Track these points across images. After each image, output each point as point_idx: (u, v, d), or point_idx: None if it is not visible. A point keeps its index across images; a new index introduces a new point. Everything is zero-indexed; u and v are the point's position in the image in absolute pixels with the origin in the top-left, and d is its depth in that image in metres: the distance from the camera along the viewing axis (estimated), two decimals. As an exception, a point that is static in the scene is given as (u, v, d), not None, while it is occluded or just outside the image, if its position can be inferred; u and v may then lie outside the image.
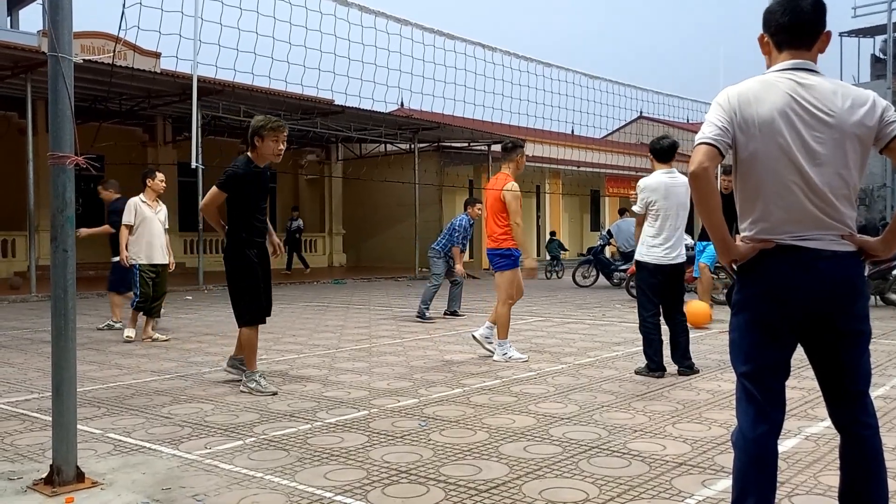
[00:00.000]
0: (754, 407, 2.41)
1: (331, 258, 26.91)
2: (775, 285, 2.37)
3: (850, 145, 2.36)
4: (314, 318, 10.75)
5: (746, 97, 2.38)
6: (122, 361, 6.80)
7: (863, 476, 2.43)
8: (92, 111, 16.77)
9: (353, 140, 24.94)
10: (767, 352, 2.41)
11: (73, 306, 3.39)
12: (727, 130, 2.38)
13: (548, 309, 11.73)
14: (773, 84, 2.39)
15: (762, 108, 2.36)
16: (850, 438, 2.45)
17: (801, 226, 2.35)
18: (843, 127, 2.34)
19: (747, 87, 2.42)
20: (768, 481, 2.39)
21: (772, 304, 2.38)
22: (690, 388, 5.41)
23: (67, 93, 3.31)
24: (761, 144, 2.36)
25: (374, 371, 6.21)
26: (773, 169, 2.36)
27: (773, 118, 2.34)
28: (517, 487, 3.27)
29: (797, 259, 2.35)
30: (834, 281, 2.35)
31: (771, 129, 2.35)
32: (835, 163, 2.35)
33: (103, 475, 3.47)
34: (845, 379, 2.43)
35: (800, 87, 2.37)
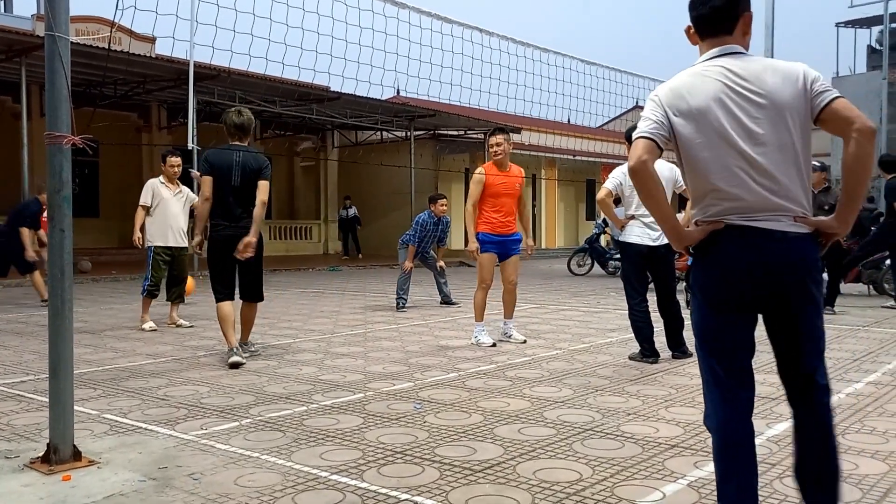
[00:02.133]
0: (719, 390, 2.43)
1: (326, 245, 26.90)
2: (725, 266, 2.37)
3: (790, 121, 2.34)
4: (309, 303, 10.77)
5: (678, 91, 2.41)
6: (118, 345, 6.81)
7: (816, 449, 2.42)
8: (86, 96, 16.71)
9: (349, 127, 24.90)
10: (725, 332, 2.42)
11: (69, 286, 3.39)
12: (662, 124, 2.41)
13: (543, 296, 11.77)
14: (702, 73, 2.42)
15: (695, 100, 2.38)
16: (803, 413, 2.45)
17: (750, 208, 2.34)
18: (777, 104, 2.34)
19: (679, 80, 2.45)
20: (746, 463, 2.39)
21: (722, 285, 2.38)
22: (683, 373, 5.45)
23: (64, 72, 3.30)
24: (700, 134, 2.38)
25: (370, 355, 6.23)
26: (716, 156, 2.36)
27: (708, 106, 2.36)
28: (511, 468, 3.29)
29: (745, 240, 2.34)
30: (785, 263, 2.33)
31: (707, 118, 2.36)
32: (777, 141, 2.34)
33: (100, 454, 3.49)
34: (799, 357, 2.43)
35: (728, 72, 2.38)
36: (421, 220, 10.05)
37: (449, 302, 10.34)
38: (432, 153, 25.32)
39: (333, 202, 27.11)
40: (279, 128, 25.32)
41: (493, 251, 6.76)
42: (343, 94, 17.92)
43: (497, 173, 6.78)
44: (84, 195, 20.58)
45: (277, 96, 19.70)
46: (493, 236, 6.74)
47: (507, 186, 6.76)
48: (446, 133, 25.08)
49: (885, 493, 2.99)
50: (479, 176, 6.82)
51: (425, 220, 10.03)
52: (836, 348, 6.24)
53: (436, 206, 10.10)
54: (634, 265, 6.01)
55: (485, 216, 6.76)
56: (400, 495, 2.96)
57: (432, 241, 10.20)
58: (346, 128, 25.20)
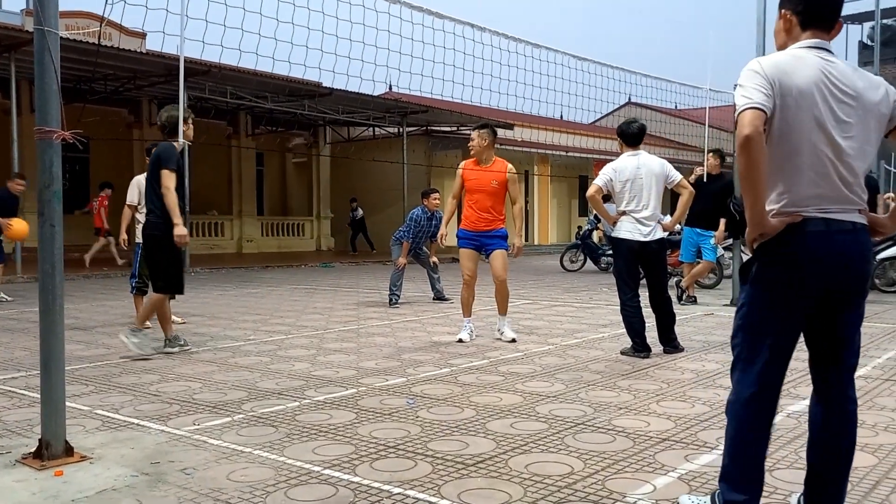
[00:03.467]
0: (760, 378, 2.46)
1: (319, 242, 26.86)
2: (799, 258, 2.38)
3: (872, 124, 2.42)
4: (302, 300, 10.76)
5: (783, 67, 2.37)
6: (110, 342, 6.79)
7: (840, 450, 2.48)
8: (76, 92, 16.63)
9: (341, 123, 24.85)
10: (781, 325, 2.44)
11: (60, 282, 3.39)
12: (770, 97, 2.33)
13: (535, 292, 11.79)
14: (804, 58, 2.40)
15: (798, 79, 2.35)
16: (835, 413, 2.49)
17: (827, 199, 2.37)
18: (865, 105, 2.40)
19: (781, 58, 2.41)
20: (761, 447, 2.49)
21: (793, 276, 2.39)
22: (675, 367, 5.47)
23: (54, 67, 3.29)
24: (798, 114, 2.35)
25: (363, 351, 6.23)
26: (808, 139, 2.36)
27: (810, 89, 2.35)
28: (503, 462, 3.31)
29: (822, 232, 2.37)
30: (852, 253, 2.39)
31: (807, 100, 2.35)
32: (861, 138, 2.39)
33: (92, 450, 3.48)
34: (843, 352, 2.47)
35: (828, 64, 2.40)
36: (415, 216, 10.02)
37: (441, 298, 10.34)
38: (425, 149, 25.30)
39: (326, 198, 27.06)
40: (271, 124, 25.26)
41: (469, 246, 6.73)
42: (335, 90, 17.87)
43: (474, 168, 6.73)
44: (74, 191, 20.49)
45: (269, 92, 19.63)
46: (468, 232, 6.72)
47: (480, 182, 6.66)
48: (439, 129, 25.06)
49: (874, 485, 3.02)
50: (458, 170, 6.90)
51: (419, 215, 10.00)
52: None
53: (429, 200, 10.06)
54: (626, 261, 6.03)
55: (463, 212, 6.81)
56: (392, 489, 2.97)
57: (426, 236, 10.15)
58: (339, 124, 25.15)
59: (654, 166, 6.00)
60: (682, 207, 6.31)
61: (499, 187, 6.70)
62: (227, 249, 23.65)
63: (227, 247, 23.79)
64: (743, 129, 2.29)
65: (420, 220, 9.98)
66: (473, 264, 6.75)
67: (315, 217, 26.95)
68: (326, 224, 27.19)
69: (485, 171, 6.71)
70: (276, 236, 25.57)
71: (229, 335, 7.22)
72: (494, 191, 6.68)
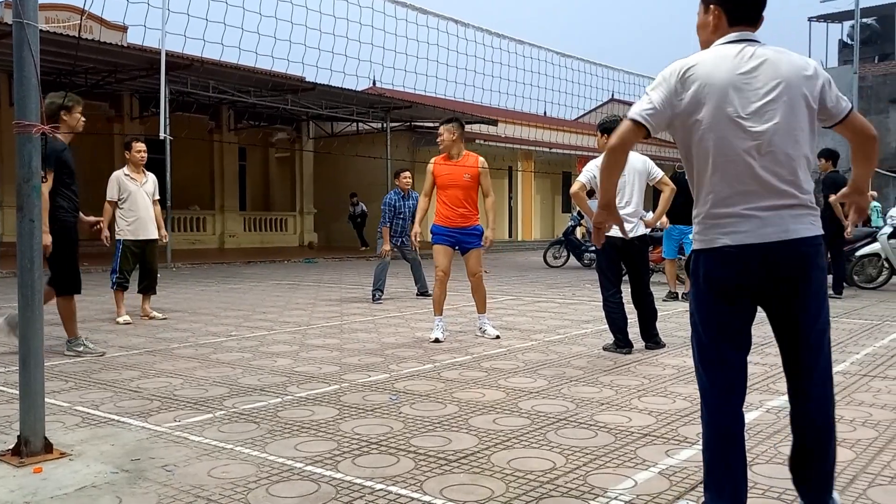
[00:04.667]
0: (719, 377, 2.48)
1: (302, 237, 26.77)
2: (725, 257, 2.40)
3: (799, 109, 2.39)
4: (285, 295, 10.72)
5: (695, 70, 2.39)
6: (90, 337, 6.72)
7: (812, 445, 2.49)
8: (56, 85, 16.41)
9: (324, 118, 24.76)
10: (725, 319, 2.45)
11: (39, 277, 3.35)
12: (663, 109, 2.40)
13: (519, 288, 11.82)
14: (720, 56, 2.42)
15: (712, 80, 2.37)
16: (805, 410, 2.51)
17: (755, 195, 2.37)
18: (790, 91, 2.38)
19: (696, 59, 2.43)
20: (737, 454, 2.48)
21: (724, 272, 2.42)
22: (656, 363, 5.51)
23: (33, 60, 3.25)
24: (711, 115, 2.37)
25: (346, 347, 6.22)
26: (724, 137, 2.37)
27: (724, 88, 2.36)
28: (486, 457, 3.32)
29: (746, 233, 2.37)
30: (778, 252, 2.37)
31: (721, 99, 2.36)
32: (787, 126, 2.37)
33: (71, 446, 3.45)
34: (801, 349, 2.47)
35: (747, 57, 2.40)
36: (388, 200, 9.94)
37: (426, 293, 10.31)
38: (408, 145, 25.26)
39: (309, 194, 26.97)
40: (253, 118, 25.12)
41: (443, 242, 6.64)
42: (318, 85, 17.80)
43: (444, 164, 6.65)
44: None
45: (251, 86, 19.53)
46: (442, 228, 6.66)
47: (452, 178, 6.61)
48: (423, 125, 25.03)
49: (852, 479, 3.06)
50: (428, 167, 6.80)
51: (392, 197, 9.95)
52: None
53: (399, 180, 9.97)
54: (608, 257, 6.05)
55: (436, 208, 6.73)
56: (375, 485, 2.97)
57: (409, 219, 9.99)
58: (322, 119, 25.06)
59: (637, 163, 6.03)
60: (664, 204, 6.35)
61: (471, 181, 6.65)
62: (208, 245, 23.51)
63: (208, 242, 23.65)
64: (613, 137, 2.48)
65: (394, 203, 9.90)
66: (448, 261, 6.67)
67: (298, 212, 26.85)
68: (309, 219, 27.10)
69: (456, 165, 6.65)
70: (258, 232, 25.46)
71: (211, 331, 7.18)
72: (468, 185, 6.63)
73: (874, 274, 11.04)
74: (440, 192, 6.67)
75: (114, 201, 7.75)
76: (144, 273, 7.98)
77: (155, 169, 8.19)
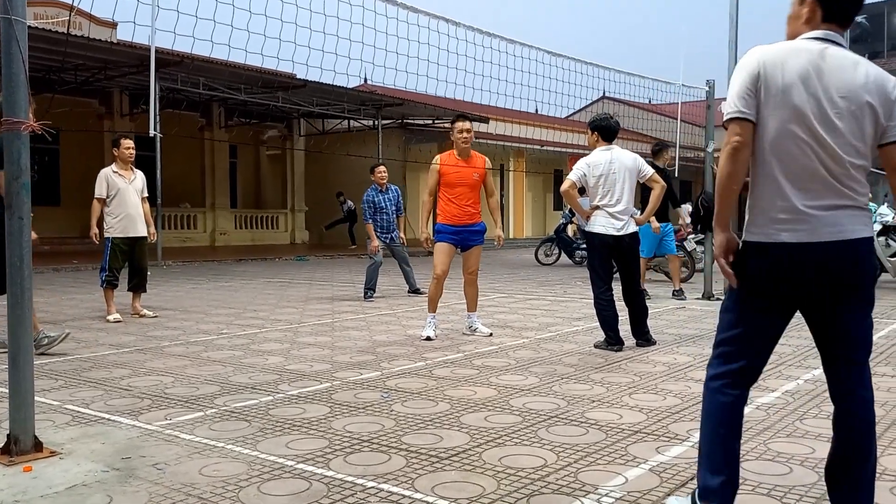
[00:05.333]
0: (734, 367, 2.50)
1: (293, 235, 26.71)
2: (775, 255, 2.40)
3: (866, 119, 2.37)
4: (276, 293, 10.70)
5: (772, 60, 2.37)
6: (80, 335, 6.70)
7: (853, 445, 2.45)
8: (45, 82, 16.35)
9: (316, 115, 24.70)
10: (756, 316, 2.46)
11: (28, 275, 3.34)
12: (751, 100, 2.37)
13: (510, 286, 11.83)
14: (801, 50, 2.40)
15: (785, 73, 2.35)
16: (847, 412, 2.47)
17: (813, 194, 2.35)
18: (859, 100, 2.35)
19: (773, 50, 2.41)
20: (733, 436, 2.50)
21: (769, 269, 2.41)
22: (647, 360, 5.52)
23: (21, 56, 3.23)
24: (779, 110, 2.36)
25: (337, 345, 6.22)
26: (790, 134, 2.35)
27: (794, 83, 2.34)
28: (477, 455, 3.32)
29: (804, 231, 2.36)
30: (833, 251, 2.35)
31: (790, 95, 2.34)
32: (849, 133, 2.35)
33: (61, 445, 3.44)
34: (848, 347, 2.44)
35: (824, 57, 2.37)
36: (367, 198, 9.91)
37: (416, 291, 10.32)
38: (399, 143, 25.23)
39: (300, 191, 26.92)
40: (244, 116, 25.05)
41: (449, 241, 6.61)
42: (309, 82, 17.76)
43: (454, 163, 6.63)
44: (44, 183, 20.16)
45: (242, 83, 19.46)
46: (449, 226, 6.61)
47: (461, 176, 6.60)
48: (414, 122, 25.00)
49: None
50: (434, 166, 6.70)
51: (370, 194, 9.92)
52: (794, 335, 6.38)
53: (375, 174, 9.95)
54: (600, 255, 6.07)
55: (441, 207, 6.65)
56: (366, 483, 2.97)
57: (392, 213, 9.96)
58: (313, 116, 25.01)
59: (627, 161, 6.05)
60: (654, 201, 6.38)
61: (479, 181, 6.68)
62: (199, 242, 23.44)
63: (199, 240, 23.58)
64: (729, 140, 2.38)
65: (373, 199, 9.87)
66: (449, 259, 6.66)
67: (289, 210, 26.80)
68: (301, 217, 27.05)
69: (466, 164, 6.65)
70: (249, 229, 25.40)
71: (202, 329, 7.16)
72: (475, 184, 6.66)
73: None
74: (447, 191, 6.61)
75: (102, 198, 7.69)
76: (134, 271, 7.93)
77: (145, 166, 8.16)
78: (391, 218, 10.00)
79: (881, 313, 7.92)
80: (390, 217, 9.99)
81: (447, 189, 6.63)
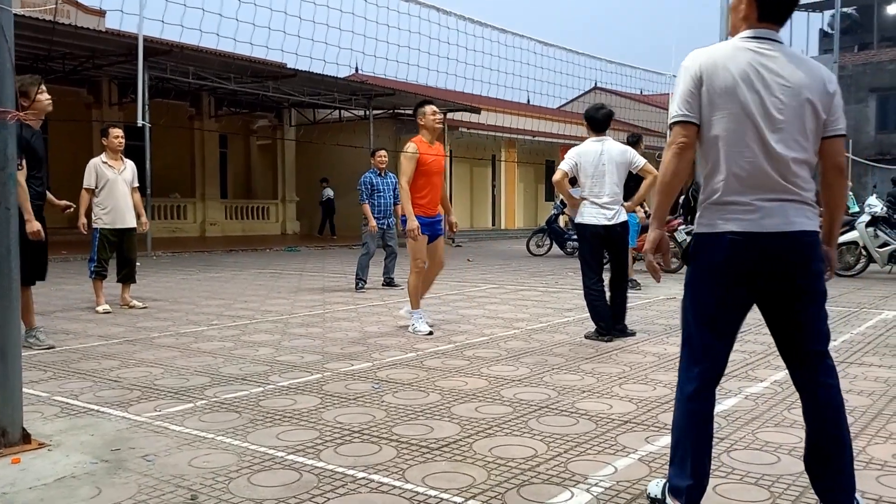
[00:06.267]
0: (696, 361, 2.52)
1: (284, 226, 26.63)
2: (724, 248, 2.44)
3: (807, 115, 2.42)
4: (267, 284, 10.67)
5: (712, 62, 2.44)
6: (69, 326, 6.67)
7: (826, 435, 2.47)
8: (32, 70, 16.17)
9: (306, 105, 24.59)
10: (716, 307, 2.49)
11: (16, 265, 3.31)
12: (694, 102, 2.46)
13: (501, 277, 11.84)
14: (740, 50, 2.44)
15: (727, 74, 2.41)
16: (808, 399, 2.51)
17: (759, 189, 2.41)
18: (799, 96, 2.41)
19: (713, 52, 2.47)
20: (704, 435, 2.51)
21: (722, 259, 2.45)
22: (638, 351, 5.54)
23: (7, 45, 3.19)
24: (723, 110, 2.42)
25: (328, 336, 6.21)
26: (735, 131, 2.41)
27: (736, 83, 2.40)
28: (468, 445, 3.33)
29: (749, 223, 2.41)
30: (777, 245, 2.40)
31: (733, 95, 2.40)
32: (792, 129, 2.41)
33: (50, 437, 3.42)
34: (804, 339, 2.48)
35: (763, 56, 2.42)
36: (365, 179, 9.74)
37: (391, 283, 10.04)
38: (391, 133, 25.16)
39: (291, 182, 26.81)
40: (234, 105, 24.91)
41: (426, 233, 6.39)
42: (300, 72, 17.67)
43: (427, 149, 6.36)
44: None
45: (232, 73, 19.34)
46: (423, 219, 6.36)
47: (437, 164, 6.41)
48: (405, 113, 24.93)
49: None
50: (413, 152, 6.26)
51: (369, 176, 9.77)
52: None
53: (375, 158, 9.83)
54: (591, 245, 6.07)
55: (417, 196, 6.33)
56: (357, 474, 2.97)
57: (390, 198, 9.77)
58: (304, 106, 24.89)
59: (616, 153, 6.05)
60: (644, 191, 6.37)
61: (443, 168, 6.56)
62: (189, 233, 23.33)
63: (189, 230, 23.47)
64: (670, 143, 2.50)
65: (371, 181, 9.72)
66: (426, 252, 6.46)
67: (280, 200, 26.70)
68: (292, 207, 26.96)
69: (437, 150, 6.44)
70: (240, 220, 25.28)
71: (192, 320, 7.14)
72: (442, 171, 6.54)
73: (852, 262, 11.16)
74: (422, 180, 6.33)
75: (91, 189, 7.63)
76: (123, 262, 7.88)
77: (134, 156, 8.08)
78: (388, 203, 9.88)
79: (869, 303, 7.97)
80: (387, 202, 9.88)
81: (423, 178, 6.33)
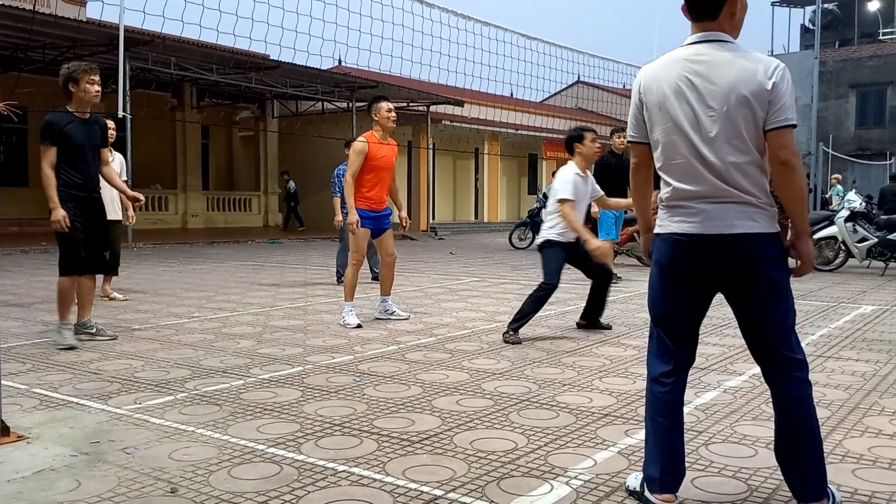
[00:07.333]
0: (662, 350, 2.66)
1: (266, 218, 26.50)
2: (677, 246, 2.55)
3: (744, 114, 2.39)
4: (248, 276, 10.63)
5: (648, 80, 2.54)
6: (48, 318, 6.61)
7: (792, 424, 2.51)
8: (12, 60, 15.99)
9: (289, 97, 24.45)
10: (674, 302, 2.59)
11: (-7, 258, 3.28)
12: (639, 122, 2.60)
13: (483, 270, 11.86)
14: (673, 62, 2.49)
15: (659, 90, 2.50)
16: (775, 393, 2.54)
17: (701, 194, 2.47)
18: (731, 98, 2.38)
19: (651, 68, 2.56)
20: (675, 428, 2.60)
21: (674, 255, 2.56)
22: (619, 344, 5.58)
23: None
24: (660, 125, 2.51)
25: (310, 329, 6.20)
26: (671, 144, 2.49)
27: (666, 98, 2.48)
28: (448, 438, 3.34)
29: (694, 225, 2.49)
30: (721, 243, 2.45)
31: (665, 110, 2.48)
32: (727, 134, 2.41)
33: (29, 429, 3.40)
34: (765, 336, 2.52)
35: (696, 63, 2.44)
36: (339, 172, 9.54)
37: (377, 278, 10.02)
38: (374, 125, 25.05)
39: (274, 174, 26.67)
40: (216, 96, 24.71)
41: (368, 226, 6.42)
42: (282, 63, 17.55)
43: (377, 144, 6.42)
44: (12, 164, 19.78)
45: (214, 63, 19.19)
46: (368, 212, 6.39)
47: (387, 160, 6.46)
48: (393, 105, 24.83)
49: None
50: (361, 147, 6.33)
51: (343, 169, 9.52)
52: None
53: (347, 150, 9.76)
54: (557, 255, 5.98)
55: (363, 190, 6.39)
56: (337, 467, 2.98)
57: None
58: (286, 97, 24.75)
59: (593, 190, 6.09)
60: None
61: (394, 163, 6.60)
62: (171, 224, 23.17)
63: (171, 222, 23.30)
64: (632, 159, 2.68)
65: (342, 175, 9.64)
66: (367, 245, 6.56)
67: (262, 192, 26.56)
68: (274, 199, 26.83)
69: (389, 147, 6.51)
70: (222, 211, 25.14)
71: (173, 312, 7.10)
72: (393, 167, 6.57)
73: (831, 256, 11.28)
74: (369, 175, 6.36)
75: None
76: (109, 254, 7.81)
77: (116, 147, 8.00)
78: None
79: (847, 298, 8.07)
80: None
81: (371, 173, 6.37)
